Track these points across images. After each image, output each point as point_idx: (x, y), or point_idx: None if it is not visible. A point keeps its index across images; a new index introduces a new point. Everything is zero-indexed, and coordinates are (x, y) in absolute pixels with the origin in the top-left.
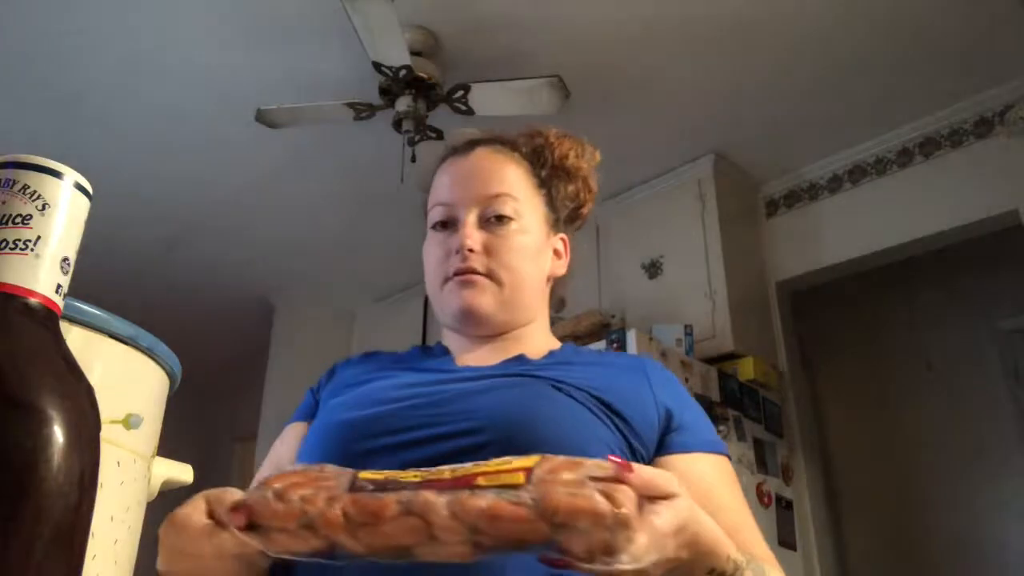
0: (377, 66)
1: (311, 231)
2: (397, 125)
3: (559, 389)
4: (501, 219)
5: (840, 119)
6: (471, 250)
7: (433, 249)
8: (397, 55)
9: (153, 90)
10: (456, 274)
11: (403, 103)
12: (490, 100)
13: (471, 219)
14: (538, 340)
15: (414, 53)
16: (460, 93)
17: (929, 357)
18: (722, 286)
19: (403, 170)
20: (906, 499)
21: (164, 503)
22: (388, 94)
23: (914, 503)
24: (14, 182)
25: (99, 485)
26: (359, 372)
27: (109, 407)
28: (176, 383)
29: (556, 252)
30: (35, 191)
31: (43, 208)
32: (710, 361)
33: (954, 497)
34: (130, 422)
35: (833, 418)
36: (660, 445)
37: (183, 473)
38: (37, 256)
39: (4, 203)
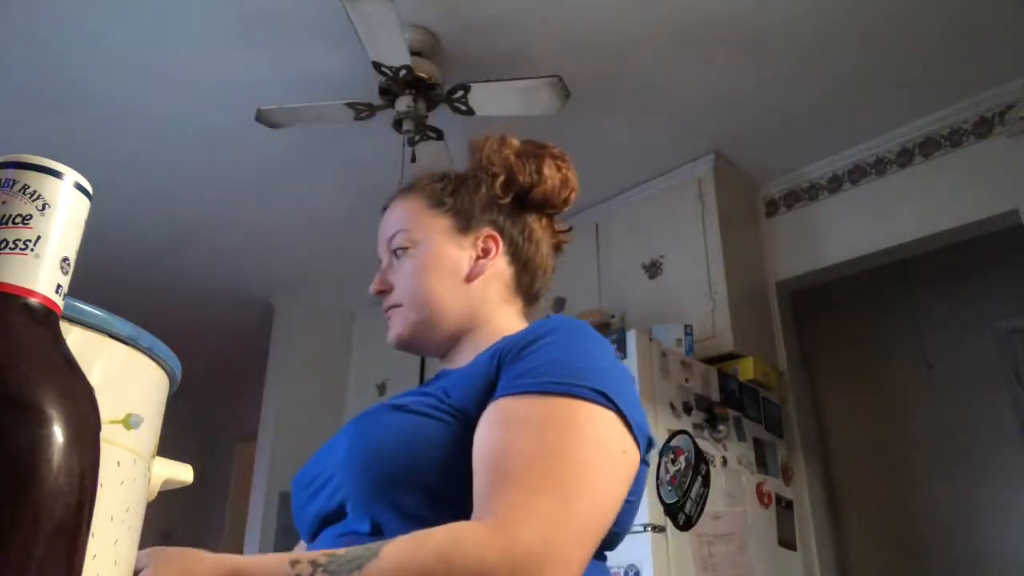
0: (377, 66)
1: (311, 231)
2: (397, 125)
3: (397, 408)
4: (397, 253)
5: (840, 119)
6: (378, 292)
7: None
8: (397, 55)
9: (153, 90)
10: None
11: (403, 103)
12: (490, 100)
13: (384, 266)
14: (480, 345)
15: (414, 53)
16: (460, 93)
17: (929, 357)
18: (722, 286)
19: (403, 170)
20: (906, 499)
21: (164, 503)
22: (388, 94)
23: (914, 503)
24: (14, 182)
25: (99, 485)
26: None
27: (109, 407)
28: (176, 383)
29: (483, 251)
30: (35, 191)
31: (43, 208)
32: (710, 361)
33: (954, 497)
34: (130, 422)
35: (833, 418)
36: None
37: (183, 473)
38: (37, 256)
39: (4, 203)
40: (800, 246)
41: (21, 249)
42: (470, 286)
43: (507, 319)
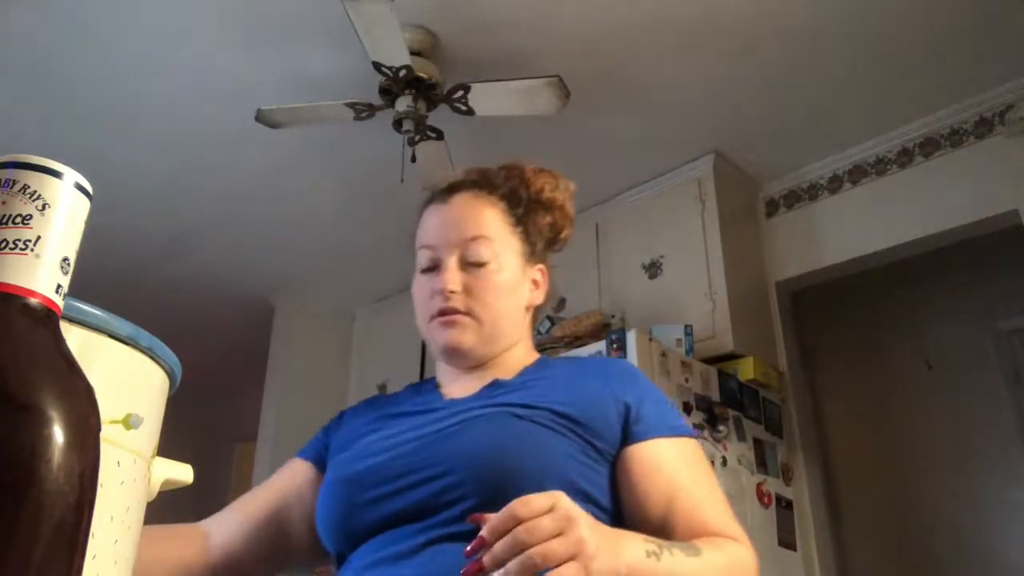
0: (377, 66)
1: (311, 231)
2: (397, 125)
3: (519, 416)
4: (479, 263)
5: (840, 119)
6: (452, 291)
7: (419, 290)
8: (397, 55)
9: (153, 90)
10: (440, 313)
11: (403, 103)
12: (490, 100)
13: (452, 262)
14: (515, 361)
15: (414, 53)
16: (460, 93)
17: (929, 357)
18: (722, 286)
19: (403, 170)
20: (906, 499)
21: (164, 503)
22: (388, 94)
23: (914, 503)
24: (14, 182)
25: (99, 485)
26: (362, 423)
27: (109, 407)
28: (176, 383)
29: (534, 282)
30: (35, 191)
31: (43, 208)
32: (710, 361)
33: (954, 497)
34: (130, 422)
35: (833, 418)
36: (624, 437)
37: (183, 473)
38: (37, 256)
39: (4, 203)
40: (800, 246)
41: (21, 249)
42: (525, 312)
43: (527, 345)
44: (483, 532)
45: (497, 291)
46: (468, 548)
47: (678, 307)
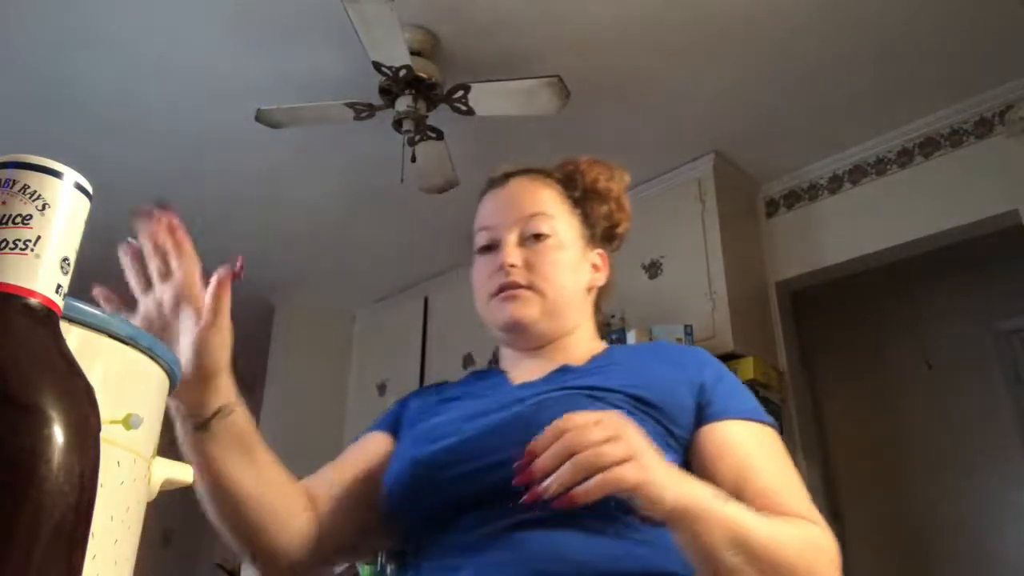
0: (377, 66)
1: (311, 231)
2: (397, 125)
3: (596, 398)
4: (539, 236)
5: (840, 119)
6: (512, 265)
7: (478, 271)
8: (397, 55)
9: (153, 90)
10: (501, 289)
11: (403, 103)
12: (490, 100)
13: (511, 239)
14: (582, 346)
15: (414, 53)
16: (460, 93)
17: (929, 357)
18: (722, 286)
19: (403, 170)
20: (906, 498)
21: (164, 503)
22: (388, 94)
23: (914, 503)
24: (14, 182)
25: (99, 485)
26: (429, 403)
27: (109, 407)
28: (176, 383)
29: (594, 266)
30: (35, 191)
31: (43, 208)
32: None
33: (954, 497)
34: (130, 422)
35: (833, 418)
36: (699, 420)
37: (183, 473)
38: (37, 256)
39: (4, 203)
40: (800, 246)
41: (21, 249)
42: (586, 294)
43: (591, 330)
44: (530, 446)
45: (558, 265)
46: (516, 477)
47: (678, 307)
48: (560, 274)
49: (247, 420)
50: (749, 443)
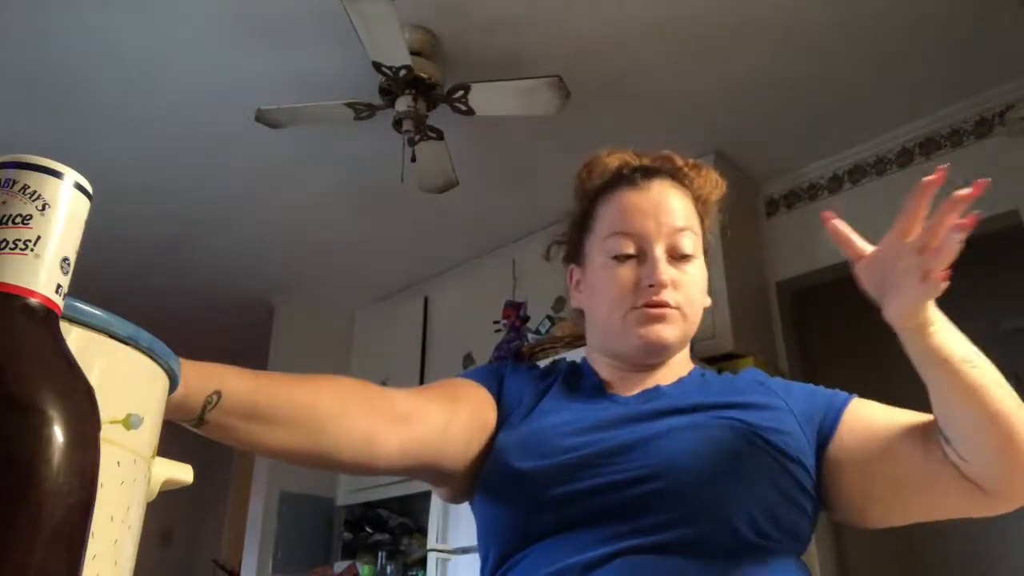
0: (377, 66)
1: (311, 231)
2: (397, 125)
3: (735, 430)
4: (685, 256)
5: (840, 119)
6: (666, 285)
7: (618, 277)
8: (397, 55)
9: (153, 90)
10: (648, 306)
11: (403, 103)
12: (490, 100)
13: (660, 253)
14: (675, 367)
15: (414, 53)
16: (460, 93)
17: None
18: (722, 286)
19: (403, 170)
20: None
21: (164, 503)
22: (388, 94)
23: None
24: (14, 182)
25: (99, 485)
26: (525, 391)
27: (109, 407)
28: (176, 383)
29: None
30: (35, 191)
31: (43, 208)
32: (710, 361)
33: None
34: (130, 422)
35: None
36: (820, 440)
37: (183, 473)
38: (37, 256)
39: (4, 203)
40: (800, 246)
41: (21, 249)
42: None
43: (688, 349)
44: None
45: (700, 289)
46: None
47: None
48: (699, 297)
49: (240, 393)
50: (872, 411)
